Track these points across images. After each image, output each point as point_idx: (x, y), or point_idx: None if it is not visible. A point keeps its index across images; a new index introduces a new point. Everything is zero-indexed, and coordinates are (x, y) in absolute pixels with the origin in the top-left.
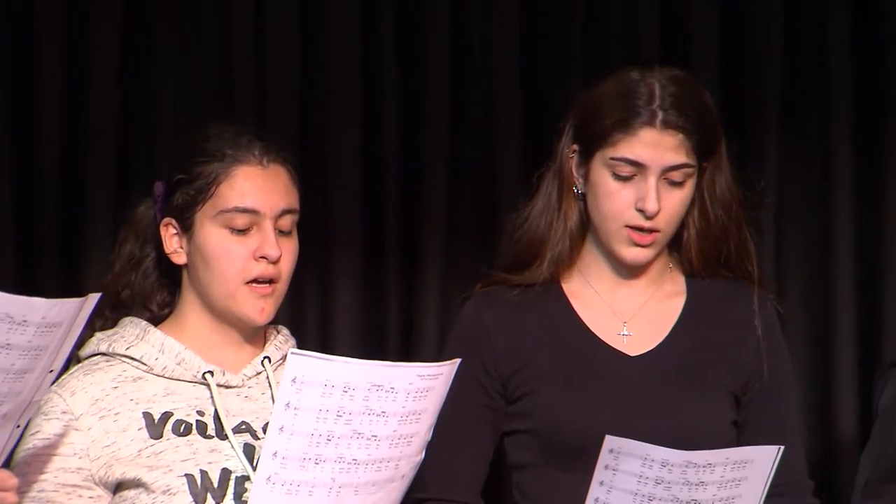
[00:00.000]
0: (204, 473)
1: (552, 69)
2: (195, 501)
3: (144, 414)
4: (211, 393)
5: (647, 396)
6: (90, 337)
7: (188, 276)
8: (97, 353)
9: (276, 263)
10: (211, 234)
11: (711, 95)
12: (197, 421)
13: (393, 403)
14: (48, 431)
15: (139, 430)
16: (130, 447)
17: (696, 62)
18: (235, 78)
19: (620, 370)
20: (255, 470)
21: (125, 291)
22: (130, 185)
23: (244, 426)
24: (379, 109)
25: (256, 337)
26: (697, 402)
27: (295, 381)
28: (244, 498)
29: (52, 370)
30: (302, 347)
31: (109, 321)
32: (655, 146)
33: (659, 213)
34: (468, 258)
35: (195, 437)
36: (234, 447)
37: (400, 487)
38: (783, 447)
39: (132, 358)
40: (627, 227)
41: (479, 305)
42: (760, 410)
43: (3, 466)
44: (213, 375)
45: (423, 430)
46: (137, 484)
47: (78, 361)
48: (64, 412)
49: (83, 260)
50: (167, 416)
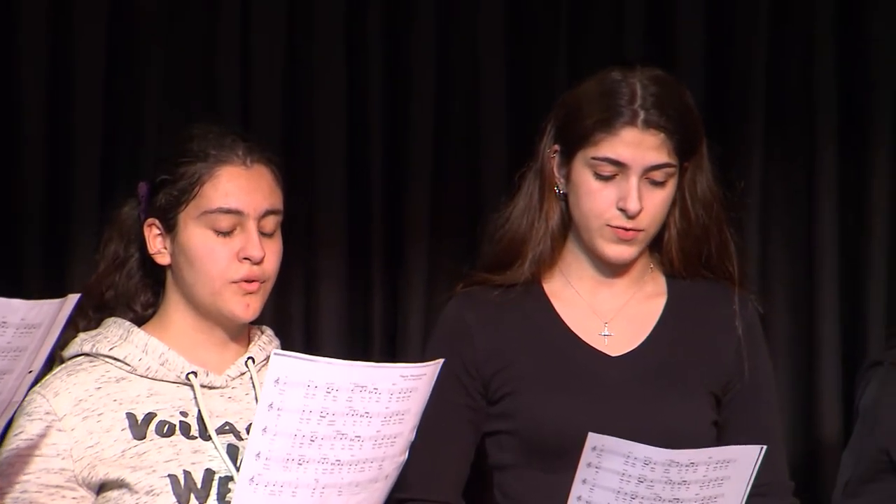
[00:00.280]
0: (187, 474)
1: (537, 70)
2: (178, 502)
3: (128, 414)
4: (194, 393)
5: (627, 397)
6: (74, 337)
7: (172, 276)
8: (80, 353)
9: (259, 264)
10: (194, 234)
11: (697, 96)
12: (180, 422)
13: (376, 404)
14: (31, 432)
15: (122, 430)
16: (114, 448)
17: (681, 63)
18: (221, 79)
19: (601, 370)
20: (238, 470)
21: (109, 292)
22: (115, 185)
23: (228, 427)
24: (364, 111)
25: (240, 337)
26: (678, 402)
27: (278, 381)
28: (228, 498)
29: (31, 371)
30: (287, 348)
31: (93, 322)
32: (637, 146)
33: (641, 212)
34: (453, 259)
35: (178, 437)
36: (217, 448)
37: (383, 488)
38: (766, 447)
39: (116, 358)
40: (610, 225)
41: (460, 306)
42: (741, 411)
43: None
44: (196, 376)
45: (406, 430)
46: (121, 484)
47: (61, 362)
48: (47, 413)
49: (68, 260)
50: (151, 416)
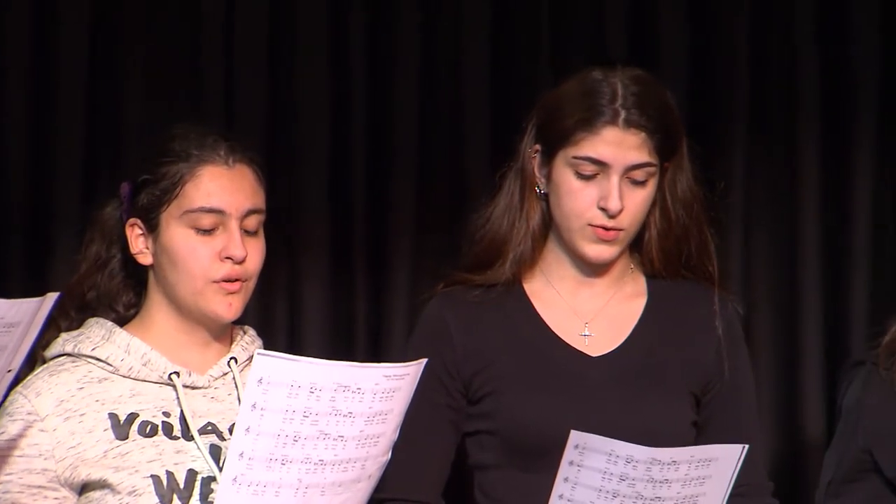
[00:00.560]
0: (170, 474)
1: (520, 70)
2: (161, 502)
3: (110, 415)
4: (177, 394)
5: (607, 397)
6: (56, 338)
7: (154, 276)
8: (63, 353)
9: (242, 263)
10: (176, 234)
11: (679, 96)
12: (163, 422)
13: (359, 404)
14: (13, 432)
15: (105, 431)
16: (96, 448)
17: (664, 63)
18: (204, 78)
19: (582, 370)
20: (221, 471)
21: (91, 292)
22: (97, 185)
23: (210, 427)
24: (347, 111)
25: (223, 338)
26: (658, 402)
27: (261, 381)
28: (210, 499)
29: (10, 370)
30: (270, 348)
31: (75, 322)
32: (618, 145)
33: (622, 212)
34: (436, 259)
35: (161, 437)
36: (200, 448)
37: (366, 487)
38: (747, 446)
39: (98, 359)
40: (590, 225)
41: (440, 305)
42: (720, 411)
43: None
44: (179, 376)
45: (389, 430)
46: (103, 485)
47: (43, 362)
48: (29, 413)
49: (50, 260)
50: (133, 416)
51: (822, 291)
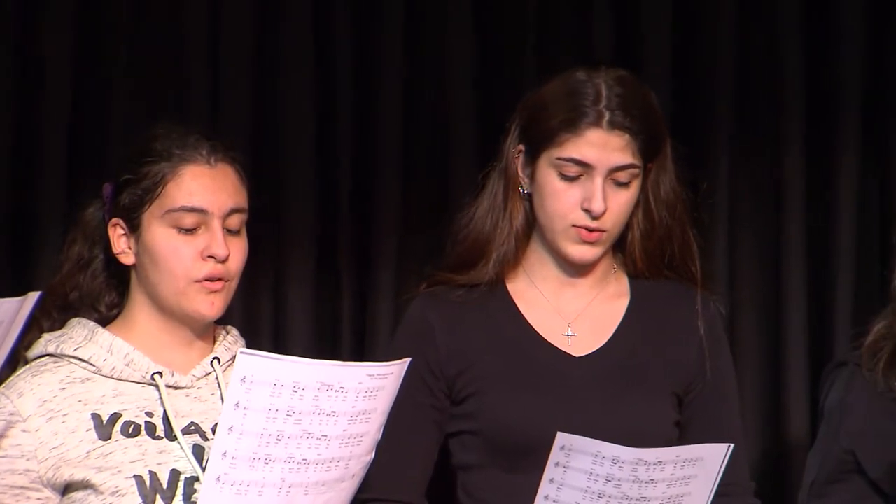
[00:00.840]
0: (153, 474)
1: (505, 69)
2: (144, 502)
3: (93, 415)
4: (160, 394)
5: (590, 397)
6: (38, 338)
7: (136, 276)
8: (45, 354)
9: (224, 263)
10: (158, 233)
11: (663, 97)
12: (146, 422)
13: (343, 403)
14: None
15: (87, 431)
16: (79, 448)
17: (649, 63)
18: (189, 78)
19: (565, 370)
20: (204, 471)
21: (73, 293)
22: (82, 186)
23: (193, 427)
24: (332, 110)
25: (206, 337)
26: (640, 402)
27: (244, 380)
28: (193, 499)
29: None
30: (256, 348)
31: (57, 322)
32: (602, 146)
33: (605, 213)
34: (422, 259)
35: (144, 438)
36: (183, 448)
37: (350, 487)
38: (732, 445)
39: (80, 359)
40: (574, 226)
41: (424, 306)
42: (702, 411)
43: None
44: (161, 376)
45: (373, 429)
46: (86, 485)
47: (26, 363)
48: (11, 414)
49: (34, 260)
50: (116, 417)
51: (806, 292)
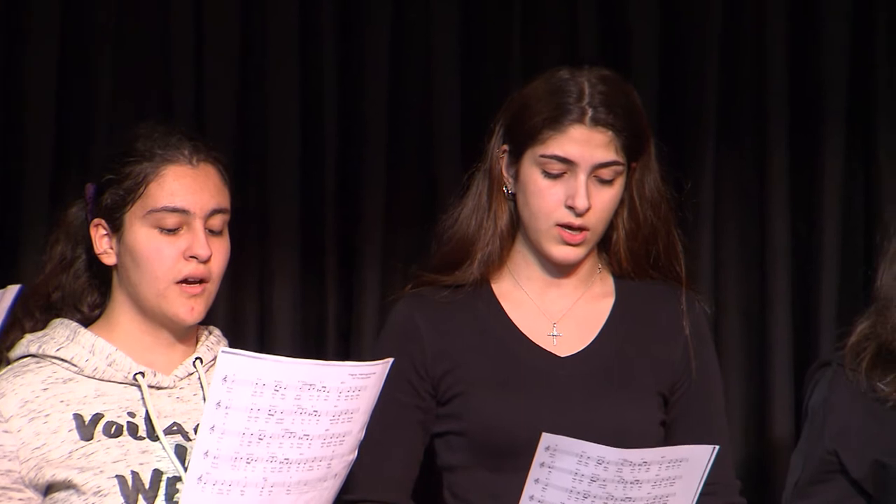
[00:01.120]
0: (135, 474)
1: (491, 70)
2: (126, 502)
3: (75, 415)
4: (142, 394)
5: (576, 397)
6: (20, 339)
7: (118, 276)
8: (27, 354)
9: (206, 263)
10: (140, 234)
11: (649, 97)
12: (128, 422)
13: (325, 402)
14: None
15: (70, 431)
16: (61, 449)
17: (634, 65)
18: (174, 77)
19: (550, 371)
20: (186, 471)
21: (56, 293)
22: (66, 186)
23: (176, 427)
24: (318, 110)
25: (188, 338)
26: (626, 402)
27: (226, 379)
28: (176, 499)
29: None
30: (241, 348)
31: (40, 323)
32: (585, 143)
33: (589, 210)
34: (407, 259)
35: (126, 438)
36: (165, 448)
37: (332, 486)
38: (718, 447)
39: (62, 359)
40: (558, 225)
41: (409, 306)
42: (688, 410)
43: None
44: (144, 377)
45: (355, 429)
46: (68, 486)
47: (8, 363)
48: None
49: (19, 260)
50: (98, 417)
51: (790, 293)
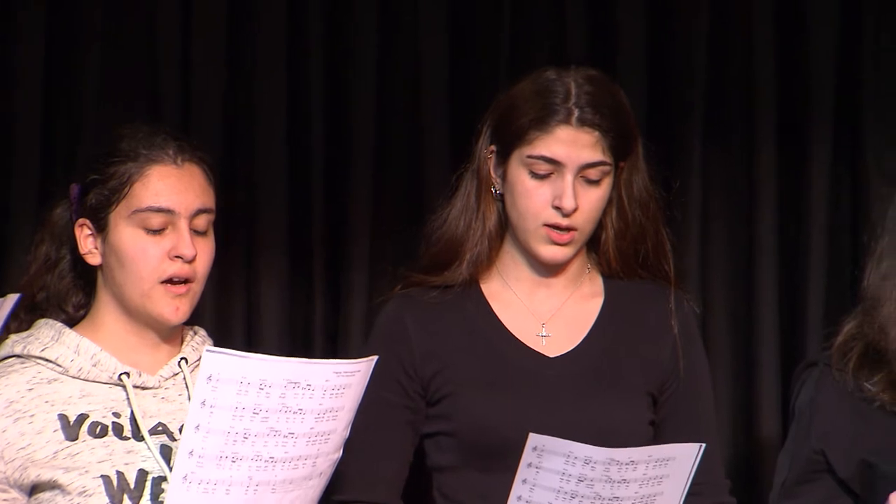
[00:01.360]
0: (120, 474)
1: (480, 71)
2: (112, 502)
3: (60, 416)
4: (127, 394)
5: (565, 397)
6: (5, 339)
7: (103, 276)
8: (12, 355)
9: (191, 263)
10: (125, 234)
11: (637, 96)
12: (113, 422)
13: (310, 401)
14: None
15: (55, 431)
16: (46, 449)
17: (622, 62)
18: (160, 78)
19: (539, 371)
20: (171, 470)
21: (41, 293)
22: (54, 185)
23: (161, 427)
24: (305, 111)
25: (173, 338)
26: (615, 402)
27: (210, 378)
28: (161, 498)
29: None
30: (228, 348)
31: (24, 323)
32: (572, 144)
33: (576, 211)
34: (395, 260)
35: (111, 438)
36: (150, 448)
37: (317, 485)
38: (704, 445)
39: (47, 360)
40: (546, 225)
41: (399, 307)
42: (677, 410)
43: None
44: (129, 377)
45: (340, 427)
46: (53, 486)
47: None
48: None
49: (6, 261)
50: (83, 417)
51: (777, 292)
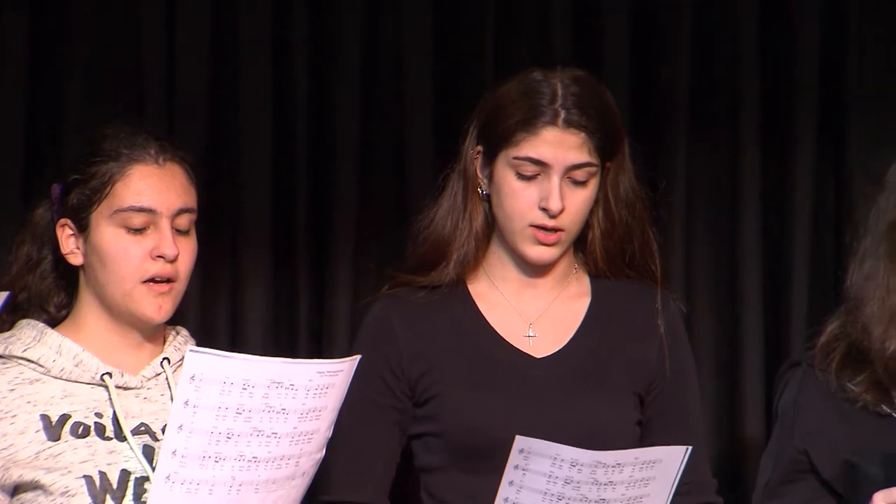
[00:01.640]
0: (103, 475)
1: (464, 71)
2: (94, 502)
3: (42, 416)
4: (109, 394)
5: (552, 398)
6: None
7: (85, 276)
8: None
9: (173, 262)
10: (107, 233)
11: (622, 96)
12: (95, 423)
13: (293, 401)
14: None
15: (37, 432)
16: (28, 450)
17: (607, 63)
18: (145, 78)
19: (526, 372)
20: (154, 470)
21: (22, 294)
22: (38, 186)
23: (143, 428)
24: (290, 111)
25: (155, 338)
26: (602, 402)
27: (194, 378)
28: (144, 499)
29: None
30: (212, 348)
31: (6, 324)
32: (558, 145)
33: (563, 212)
34: (379, 260)
35: (94, 438)
36: (133, 448)
37: (300, 485)
38: (691, 448)
39: (29, 360)
40: (532, 226)
41: (386, 307)
42: (664, 410)
43: None
44: (111, 377)
45: (323, 427)
46: (36, 486)
47: None
48: None
49: None
50: (65, 418)
51: (761, 292)
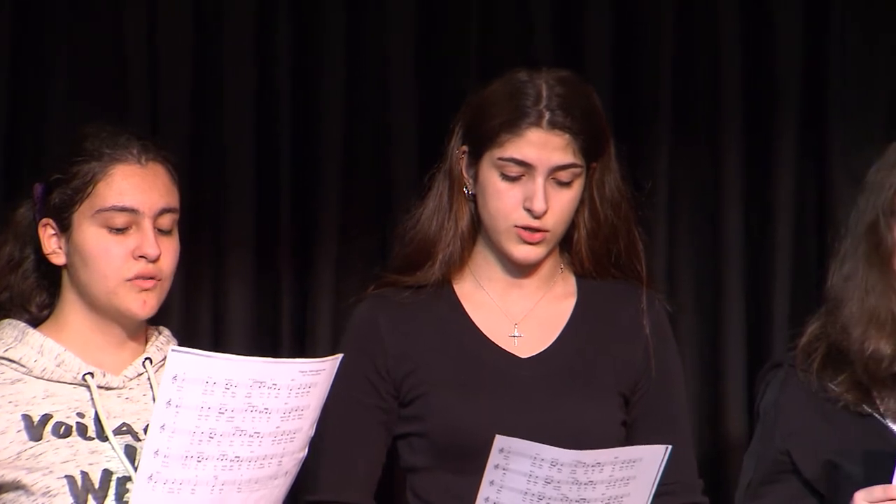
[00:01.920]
0: (85, 475)
1: (448, 70)
2: (76, 502)
3: (24, 416)
4: (91, 394)
5: (537, 398)
6: None
7: (68, 276)
8: None
9: (155, 262)
10: (89, 233)
11: (604, 96)
12: (77, 423)
13: (275, 400)
14: None
15: (18, 432)
16: (9, 450)
17: (589, 63)
18: (128, 77)
19: (511, 372)
20: (136, 470)
21: (4, 293)
22: (19, 185)
23: (125, 427)
24: (273, 110)
25: (137, 338)
26: (587, 403)
27: (176, 378)
28: (126, 499)
29: None
30: (195, 348)
31: None
32: (542, 146)
33: (547, 212)
34: (362, 260)
35: (75, 438)
36: (115, 448)
37: (283, 484)
38: (671, 447)
39: (11, 360)
40: (517, 226)
41: (371, 307)
42: (649, 410)
43: None
44: (93, 377)
45: (306, 426)
46: (17, 486)
47: None
48: None
49: None
50: (47, 417)
51: (744, 293)
